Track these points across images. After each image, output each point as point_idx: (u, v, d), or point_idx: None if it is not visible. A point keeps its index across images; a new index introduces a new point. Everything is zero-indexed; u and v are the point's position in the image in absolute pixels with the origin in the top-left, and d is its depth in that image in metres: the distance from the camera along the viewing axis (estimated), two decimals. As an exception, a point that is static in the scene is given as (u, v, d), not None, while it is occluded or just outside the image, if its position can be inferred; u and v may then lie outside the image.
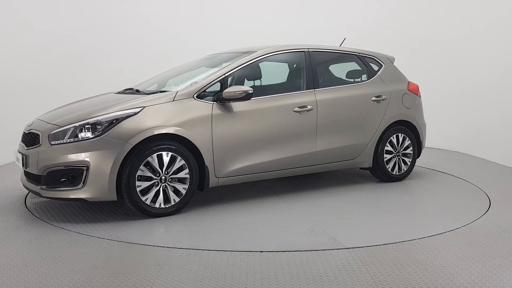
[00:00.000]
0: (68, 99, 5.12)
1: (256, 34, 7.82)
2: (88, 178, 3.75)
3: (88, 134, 3.82)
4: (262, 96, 4.54)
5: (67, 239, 3.48)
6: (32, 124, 4.26)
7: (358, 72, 5.36)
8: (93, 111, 3.97)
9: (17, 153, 4.21)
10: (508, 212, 4.24)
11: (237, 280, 2.78)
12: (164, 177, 3.97)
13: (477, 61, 7.06)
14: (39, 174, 3.87)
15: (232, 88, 4.24)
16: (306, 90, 4.79)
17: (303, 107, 4.67)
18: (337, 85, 5.05)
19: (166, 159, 3.96)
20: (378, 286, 2.71)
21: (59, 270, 2.90)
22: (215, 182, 4.27)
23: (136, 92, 4.62)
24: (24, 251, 3.24)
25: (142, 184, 3.89)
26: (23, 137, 4.25)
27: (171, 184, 4.01)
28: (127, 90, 4.81)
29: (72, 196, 3.80)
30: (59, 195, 3.85)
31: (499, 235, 3.62)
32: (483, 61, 6.95)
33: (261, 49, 4.75)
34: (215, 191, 4.89)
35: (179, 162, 4.01)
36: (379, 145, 5.18)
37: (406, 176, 5.44)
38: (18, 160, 4.16)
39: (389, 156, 5.26)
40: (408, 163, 5.41)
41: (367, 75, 5.32)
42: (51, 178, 3.83)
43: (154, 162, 3.91)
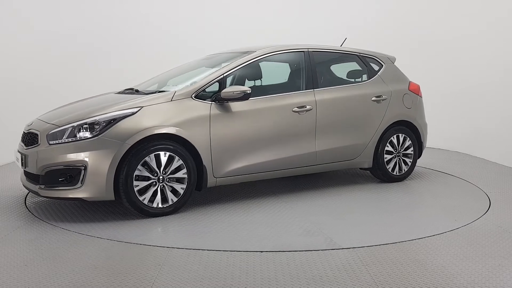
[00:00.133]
0: (68, 99, 5.13)
1: (256, 34, 7.81)
2: (86, 178, 3.75)
3: (86, 134, 3.83)
4: (261, 96, 4.54)
5: (67, 239, 3.48)
6: (32, 124, 4.28)
7: (359, 72, 5.34)
8: (91, 111, 3.98)
9: (17, 153, 4.22)
10: (508, 212, 4.24)
11: (237, 280, 2.78)
12: (162, 177, 3.97)
13: (477, 61, 7.06)
14: (38, 174, 3.89)
15: (230, 88, 4.24)
16: (306, 90, 4.78)
17: (302, 107, 4.66)
18: (337, 85, 5.05)
19: (164, 159, 3.96)
20: (378, 286, 2.71)
21: (59, 270, 2.90)
22: (213, 182, 4.27)
23: (136, 92, 4.62)
24: (24, 251, 3.24)
25: (140, 184, 3.89)
26: (23, 137, 4.27)
27: (169, 184, 4.01)
28: (127, 90, 4.82)
29: (70, 196, 3.82)
30: (58, 195, 3.86)
31: (499, 235, 3.62)
32: (483, 61, 6.95)
33: (260, 49, 4.75)
34: (214, 191, 4.89)
35: (177, 162, 4.02)
36: (379, 146, 5.17)
37: (407, 177, 5.43)
38: (18, 160, 4.18)
39: (390, 157, 5.25)
40: (409, 164, 5.39)
41: (368, 75, 5.30)
42: (50, 178, 3.84)
43: (152, 162, 3.92)
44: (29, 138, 4.11)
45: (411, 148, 5.39)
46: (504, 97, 6.53)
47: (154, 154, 3.93)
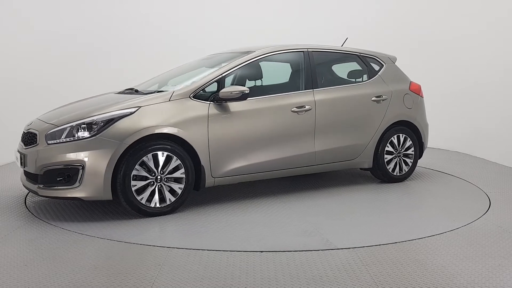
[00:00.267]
0: (68, 99, 5.13)
1: (256, 34, 7.81)
2: (84, 177, 3.77)
3: (84, 134, 3.85)
4: (260, 96, 4.54)
5: (67, 239, 3.48)
6: (31, 124, 4.29)
7: (359, 72, 5.33)
8: (90, 111, 3.99)
9: (16, 153, 4.24)
10: (508, 212, 4.24)
11: (237, 280, 2.78)
12: (160, 177, 3.98)
13: (477, 61, 7.06)
14: (37, 173, 3.90)
15: (229, 88, 4.24)
16: (305, 90, 4.77)
17: (301, 107, 4.65)
18: (337, 85, 5.04)
19: (162, 159, 3.97)
20: (378, 286, 2.71)
21: (59, 270, 2.90)
22: (212, 182, 4.27)
23: (135, 92, 4.63)
24: (24, 251, 3.24)
25: (138, 184, 3.90)
26: (22, 137, 4.29)
27: (167, 184, 4.02)
28: (127, 90, 4.82)
29: (68, 195, 3.83)
30: (56, 194, 3.88)
31: (499, 235, 3.62)
32: (483, 61, 6.95)
33: (259, 49, 4.75)
34: (212, 191, 4.88)
35: (175, 162, 4.02)
36: (380, 146, 5.15)
37: (408, 177, 5.40)
38: (17, 160, 4.19)
39: (390, 157, 5.24)
40: (410, 164, 5.37)
41: (368, 75, 5.29)
42: (48, 177, 3.86)
43: (150, 162, 3.93)
44: (28, 138, 4.13)
45: (412, 149, 5.37)
46: (504, 97, 6.53)
47: (152, 154, 3.93)
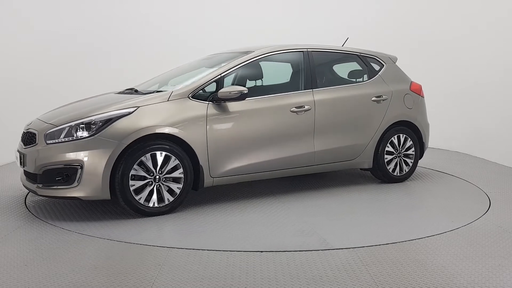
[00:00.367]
0: (68, 99, 5.13)
1: (256, 34, 7.82)
2: (83, 177, 3.77)
3: (83, 134, 3.86)
4: (259, 96, 4.54)
5: (67, 239, 3.48)
6: (31, 124, 4.31)
7: (359, 72, 5.32)
8: (89, 111, 4.00)
9: (16, 152, 4.25)
10: (508, 212, 4.24)
11: (237, 280, 2.78)
12: (158, 177, 3.98)
13: (477, 61, 7.06)
14: (36, 173, 3.91)
15: (227, 88, 4.25)
16: (304, 90, 4.77)
17: (301, 107, 4.65)
18: (337, 85, 5.03)
19: (160, 159, 3.97)
20: (378, 286, 2.71)
21: (59, 270, 2.90)
22: (210, 182, 4.27)
23: (135, 92, 4.63)
24: (24, 251, 3.24)
25: (136, 184, 3.91)
26: (22, 137, 4.30)
27: (165, 184, 4.02)
28: (127, 90, 4.83)
29: (67, 195, 3.84)
30: (55, 194, 3.89)
31: (499, 235, 3.62)
32: (483, 61, 6.95)
33: (258, 49, 4.74)
34: (211, 191, 4.88)
35: (173, 162, 4.02)
36: (380, 146, 5.14)
37: (408, 177, 5.39)
38: (17, 159, 4.20)
39: (390, 157, 5.22)
40: (410, 164, 5.35)
41: (368, 75, 5.28)
42: (47, 177, 3.87)
43: (148, 162, 3.93)
44: (28, 138, 4.14)
45: (412, 149, 5.35)
46: (504, 97, 6.53)
47: (150, 154, 3.94)
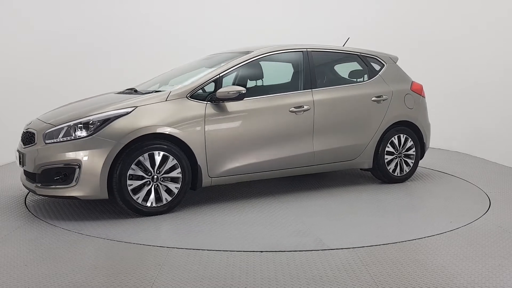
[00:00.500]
0: (68, 99, 5.13)
1: (256, 34, 7.81)
2: (81, 176, 3.78)
3: (81, 133, 3.87)
4: (258, 96, 4.54)
5: (67, 239, 3.48)
6: (30, 124, 4.33)
7: (359, 72, 5.30)
8: (87, 111, 4.02)
9: (16, 152, 4.26)
10: (508, 212, 4.24)
11: (237, 280, 2.78)
12: (156, 176, 3.99)
13: (477, 61, 7.06)
14: (35, 172, 3.92)
15: (225, 88, 4.25)
16: (303, 90, 4.76)
17: (300, 107, 4.64)
18: (336, 85, 5.02)
19: (158, 159, 3.97)
20: (378, 286, 2.71)
21: (59, 270, 2.90)
22: (209, 182, 4.27)
23: (134, 92, 4.63)
24: (24, 251, 3.24)
25: (134, 183, 3.91)
26: (22, 136, 4.32)
27: (163, 183, 4.03)
28: (127, 90, 4.83)
29: (65, 194, 3.86)
30: (53, 193, 3.90)
31: (499, 235, 3.62)
32: (483, 61, 6.95)
33: (258, 49, 4.74)
34: (210, 190, 4.88)
35: (171, 162, 4.03)
36: (380, 146, 5.13)
37: (409, 178, 5.36)
38: (17, 159, 4.21)
39: (391, 157, 5.20)
40: (411, 165, 5.33)
41: (368, 75, 5.26)
42: (46, 176, 3.88)
43: (146, 162, 3.94)
44: (27, 137, 4.16)
45: (413, 149, 5.33)
46: (504, 97, 6.53)
47: (148, 154, 3.94)
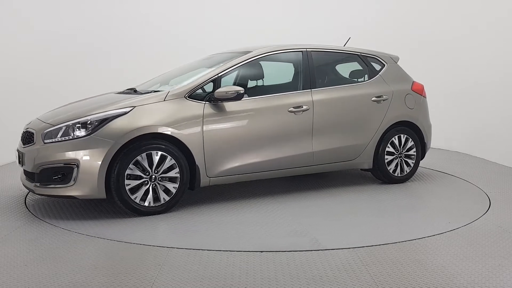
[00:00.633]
0: (68, 99, 5.13)
1: (256, 34, 7.81)
2: (79, 176, 3.79)
3: (79, 133, 3.88)
4: (256, 96, 4.54)
5: (67, 239, 3.48)
6: (30, 123, 4.34)
7: (359, 72, 5.29)
8: (86, 111, 4.03)
9: (16, 152, 4.27)
10: (508, 212, 4.24)
11: (237, 280, 2.78)
12: (154, 176, 3.99)
13: (477, 61, 7.06)
14: (33, 172, 3.93)
15: (224, 88, 4.25)
16: (303, 90, 4.75)
17: (299, 107, 4.64)
18: (336, 85, 5.01)
19: (156, 158, 3.98)
20: (378, 286, 2.71)
21: (59, 270, 2.90)
22: (207, 182, 4.27)
23: (134, 92, 4.63)
24: (24, 251, 3.24)
25: (132, 183, 3.92)
26: (21, 136, 4.33)
27: (161, 183, 4.03)
28: (127, 90, 4.83)
29: (63, 194, 3.87)
30: (51, 192, 3.92)
31: (499, 235, 3.62)
32: (483, 61, 6.95)
33: (257, 49, 4.74)
34: (209, 190, 4.88)
35: (169, 161, 4.03)
36: (380, 146, 5.12)
37: (409, 178, 5.34)
38: (17, 158, 4.23)
39: (391, 158, 5.19)
40: (411, 165, 5.31)
41: (369, 75, 5.25)
42: (44, 176, 3.90)
43: (144, 161, 3.94)
44: (27, 137, 4.18)
45: (414, 149, 5.31)
46: (504, 97, 6.53)
47: (146, 153, 3.95)
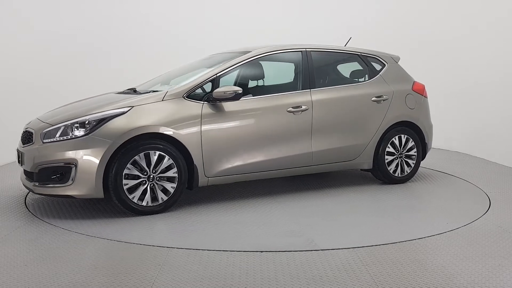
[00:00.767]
0: (68, 99, 5.14)
1: (256, 34, 7.81)
2: (77, 176, 3.80)
3: (78, 133, 3.89)
4: (256, 96, 4.54)
5: (67, 239, 3.48)
6: (30, 123, 4.35)
7: (360, 72, 5.28)
8: (85, 111, 4.04)
9: (16, 151, 4.27)
10: (508, 212, 4.24)
11: (237, 280, 2.78)
12: (152, 176, 3.99)
13: (477, 61, 7.06)
14: (32, 171, 3.94)
15: (222, 88, 4.25)
16: (302, 90, 4.75)
17: (298, 107, 4.63)
18: (336, 85, 5.00)
19: (154, 158, 3.98)
20: (378, 286, 2.71)
21: (59, 270, 2.90)
22: (205, 182, 4.27)
23: (134, 92, 4.64)
24: (24, 251, 3.24)
25: (129, 183, 3.92)
26: (21, 136, 4.34)
27: (159, 183, 4.03)
28: (127, 90, 4.84)
29: (61, 193, 3.87)
30: (50, 192, 3.92)
31: (499, 235, 3.62)
32: (483, 61, 6.95)
33: (256, 49, 4.73)
34: (208, 190, 4.88)
35: (167, 161, 4.03)
36: (380, 147, 5.10)
37: (410, 178, 5.32)
38: (17, 158, 4.25)
39: (391, 158, 5.17)
40: (412, 165, 5.29)
41: (369, 75, 5.24)
42: (43, 175, 3.91)
43: (142, 161, 3.95)
44: (26, 137, 4.19)
45: (414, 149, 5.28)
46: (504, 97, 6.53)
47: (144, 153, 3.95)
